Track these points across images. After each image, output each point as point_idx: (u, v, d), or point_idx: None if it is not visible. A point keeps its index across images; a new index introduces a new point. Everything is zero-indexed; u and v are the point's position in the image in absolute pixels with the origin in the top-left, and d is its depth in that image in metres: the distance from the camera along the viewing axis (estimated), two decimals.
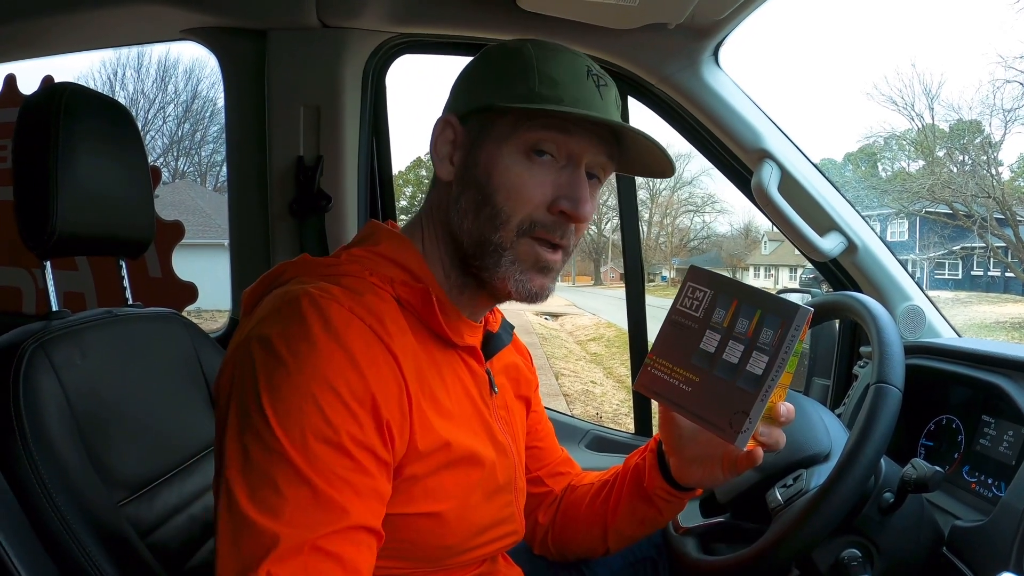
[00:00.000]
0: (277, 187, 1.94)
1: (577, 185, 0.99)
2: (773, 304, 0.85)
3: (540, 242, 0.99)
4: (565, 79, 0.98)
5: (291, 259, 1.02)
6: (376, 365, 0.87)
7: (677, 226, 54.28)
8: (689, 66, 1.79)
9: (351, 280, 0.95)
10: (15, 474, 1.03)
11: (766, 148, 1.74)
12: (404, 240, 1.04)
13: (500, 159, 0.98)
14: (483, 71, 1.04)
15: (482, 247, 0.99)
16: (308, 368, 0.83)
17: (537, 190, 0.98)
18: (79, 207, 1.23)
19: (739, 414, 0.86)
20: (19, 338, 1.13)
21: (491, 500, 1.04)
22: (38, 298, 2.76)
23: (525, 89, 0.97)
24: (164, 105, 29.57)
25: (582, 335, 18.48)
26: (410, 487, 0.92)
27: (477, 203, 0.99)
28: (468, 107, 1.02)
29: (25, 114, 1.23)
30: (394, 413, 0.88)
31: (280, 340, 0.85)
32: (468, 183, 1.01)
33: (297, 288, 0.91)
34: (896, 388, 1.08)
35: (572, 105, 0.96)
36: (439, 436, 0.94)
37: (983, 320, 18.63)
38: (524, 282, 1.00)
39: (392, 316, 0.93)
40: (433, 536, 0.96)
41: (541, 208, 0.98)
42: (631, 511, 1.23)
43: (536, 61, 0.98)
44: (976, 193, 21.84)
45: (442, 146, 1.04)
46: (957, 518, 1.23)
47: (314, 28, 1.88)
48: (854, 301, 1.25)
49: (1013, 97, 22.66)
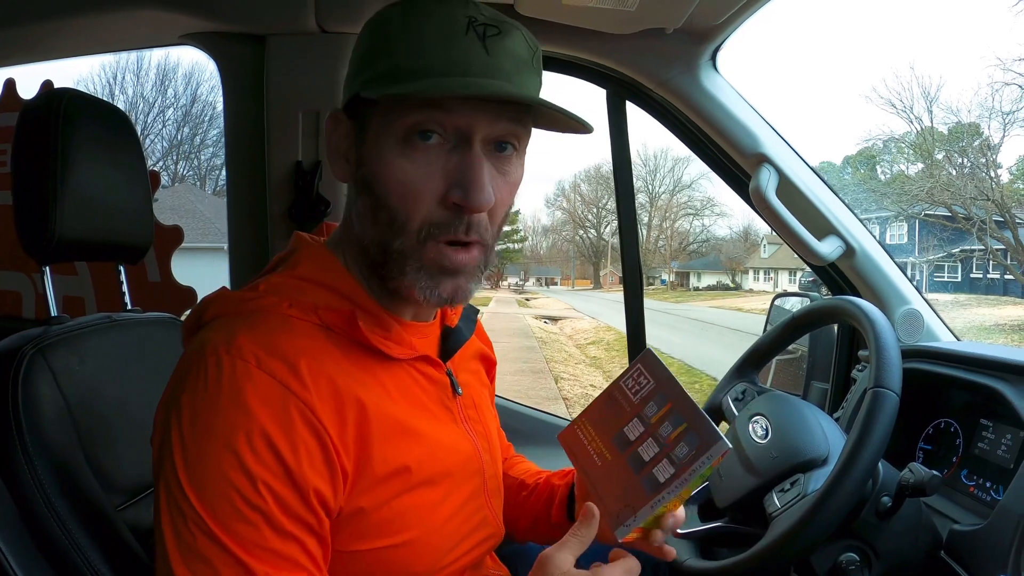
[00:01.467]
0: (276, 192, 1.94)
1: (468, 168, 0.86)
2: (700, 425, 0.84)
3: (445, 244, 0.88)
4: (433, 43, 0.84)
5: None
6: (290, 427, 0.81)
7: (676, 230, 54.37)
8: (687, 71, 1.79)
9: (267, 318, 0.87)
10: (14, 479, 1.03)
11: (764, 152, 1.74)
12: (326, 256, 0.96)
13: (382, 155, 0.88)
14: (356, 52, 0.92)
15: (385, 254, 0.90)
16: (218, 444, 0.79)
17: (426, 184, 0.86)
18: (78, 212, 1.23)
19: (628, 508, 0.87)
20: (18, 343, 1.13)
21: (461, 512, 0.99)
22: (37, 303, 2.76)
23: (390, 65, 0.85)
24: (163, 109, 29.65)
25: (581, 339, 18.51)
26: (366, 520, 0.88)
27: (373, 207, 0.90)
28: (344, 99, 0.93)
29: (24, 119, 1.24)
30: (319, 470, 0.82)
31: (189, 411, 0.81)
32: (361, 184, 0.92)
33: (208, 343, 0.84)
34: (893, 392, 1.08)
35: (444, 72, 0.83)
36: (392, 463, 0.89)
37: (982, 323, 18.64)
38: (432, 288, 0.90)
39: (313, 353, 0.86)
40: (400, 566, 0.91)
41: (435, 205, 0.87)
42: (535, 525, 1.23)
43: (400, 28, 0.86)
44: (975, 196, 21.87)
45: (336, 143, 0.95)
46: (955, 522, 1.23)
47: (313, 33, 1.88)
48: (851, 305, 1.25)
49: (1012, 99, 22.73)
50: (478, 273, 0.93)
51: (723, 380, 1.47)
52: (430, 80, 0.83)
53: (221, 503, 0.78)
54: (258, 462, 0.79)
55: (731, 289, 46.59)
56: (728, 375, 1.47)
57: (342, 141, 0.94)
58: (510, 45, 0.87)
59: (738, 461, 1.27)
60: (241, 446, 0.78)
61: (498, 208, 0.91)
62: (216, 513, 0.78)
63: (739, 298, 36.85)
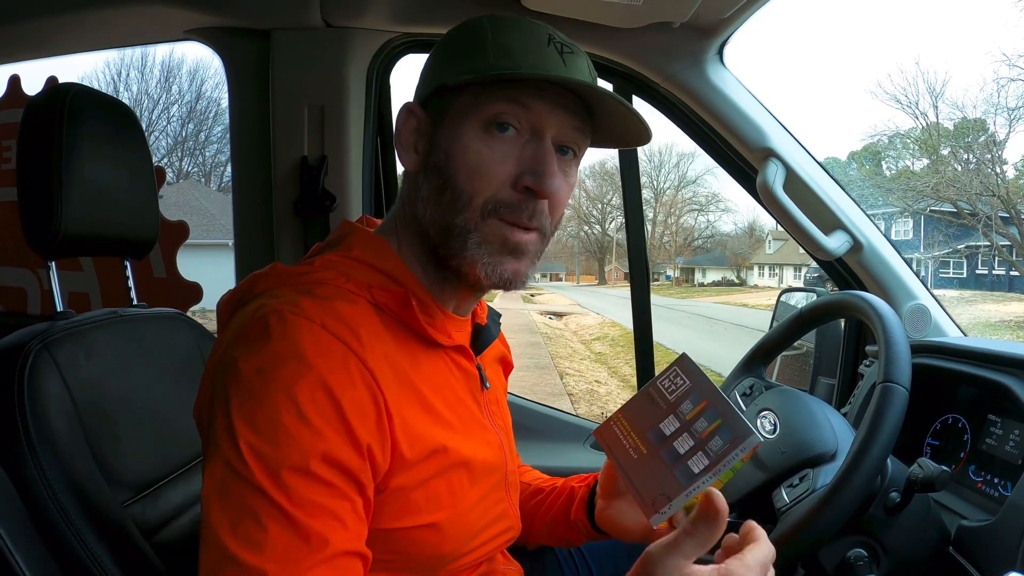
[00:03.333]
0: (281, 187, 1.94)
1: (542, 159, 0.93)
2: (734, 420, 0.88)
3: (507, 224, 0.93)
4: (522, 48, 0.92)
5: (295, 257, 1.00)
6: (350, 383, 0.83)
7: (681, 225, 54.33)
8: (694, 65, 1.78)
9: (324, 288, 0.91)
10: (20, 475, 1.03)
11: (771, 147, 1.73)
12: (379, 241, 0.99)
13: (459, 138, 0.93)
14: (441, 53, 0.99)
15: (447, 232, 0.94)
16: (277, 395, 0.80)
17: (499, 166, 0.92)
18: (83, 207, 1.23)
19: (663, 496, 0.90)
20: (24, 339, 1.13)
21: (484, 501, 1.01)
22: (43, 298, 2.77)
23: (481, 63, 0.92)
24: (168, 105, 29.68)
25: (586, 334, 18.50)
26: (401, 499, 0.89)
27: (439, 188, 0.94)
28: (426, 91, 0.98)
29: (29, 115, 1.23)
30: (371, 431, 0.84)
31: (247, 365, 0.82)
32: (430, 169, 0.96)
33: (267, 305, 0.87)
34: (903, 387, 1.08)
35: (531, 69, 0.91)
36: (430, 442, 0.91)
37: (988, 319, 18.61)
38: (494, 265, 0.94)
39: (369, 325, 0.89)
40: (429, 546, 0.94)
41: (505, 186, 0.93)
42: (553, 527, 1.26)
43: (490, 33, 0.94)
44: (980, 191, 21.84)
45: (407, 136, 0.99)
46: (963, 518, 1.22)
47: (318, 28, 1.88)
48: (860, 300, 1.24)
49: (1017, 95, 22.68)
50: (536, 260, 0.99)
51: (730, 375, 1.47)
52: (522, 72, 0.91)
53: (274, 456, 0.78)
54: (317, 413, 0.80)
55: (736, 285, 46.56)
56: (735, 370, 1.47)
57: (412, 131, 0.99)
58: (581, 64, 0.95)
59: None
60: (302, 395, 0.80)
61: (558, 202, 0.97)
62: (268, 463, 0.78)
63: (744, 294, 36.81)
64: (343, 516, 0.81)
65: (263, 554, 0.76)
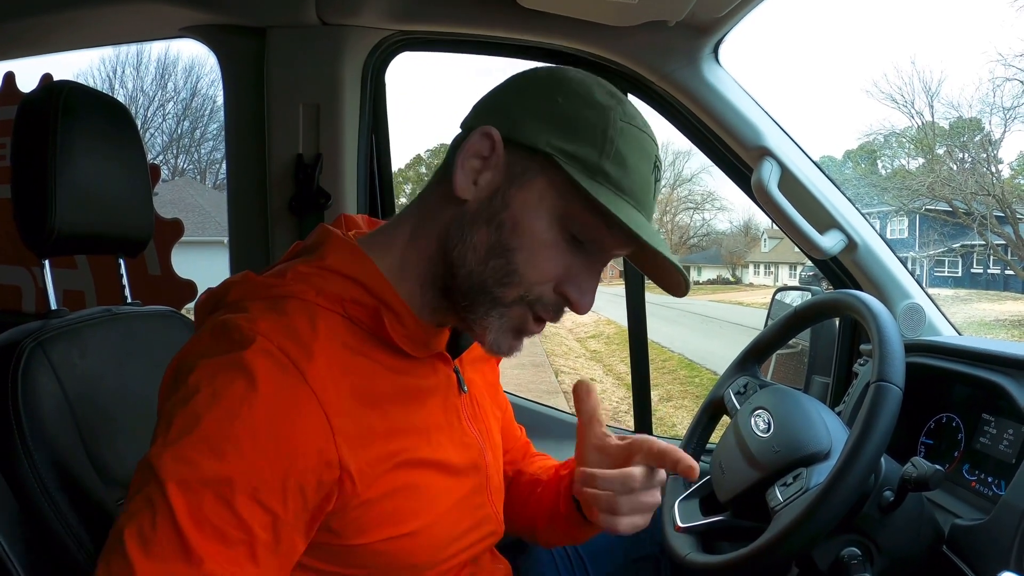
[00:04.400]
0: (276, 185, 1.94)
1: (591, 277, 0.94)
2: None
3: (533, 315, 0.93)
4: (636, 166, 0.90)
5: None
6: (294, 411, 0.81)
7: (676, 224, 54.24)
8: (689, 63, 1.78)
9: (291, 303, 0.88)
10: (13, 473, 1.03)
11: (766, 145, 1.73)
12: (356, 251, 0.94)
13: (536, 219, 0.89)
14: (552, 100, 0.91)
15: (478, 294, 0.92)
16: (217, 412, 0.79)
17: (555, 265, 0.91)
18: (78, 205, 1.23)
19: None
20: (17, 337, 1.12)
21: (463, 505, 1.00)
22: (37, 297, 2.76)
23: (594, 155, 0.88)
24: (164, 103, 29.55)
25: (582, 332, 18.48)
26: (371, 511, 0.88)
27: (490, 248, 0.90)
28: (520, 135, 0.90)
29: (24, 112, 1.23)
30: (311, 462, 0.81)
31: (197, 376, 0.81)
32: (487, 219, 0.91)
33: (229, 321, 0.85)
34: (896, 386, 1.08)
35: (631, 197, 0.89)
36: (401, 454, 0.90)
37: (983, 318, 18.62)
38: (501, 341, 0.94)
39: (334, 342, 0.87)
40: (400, 557, 0.92)
41: (550, 285, 0.92)
42: (552, 522, 1.20)
43: (614, 130, 0.89)
44: (976, 191, 21.84)
45: (471, 159, 0.91)
46: (957, 517, 1.23)
47: (313, 26, 1.88)
48: (854, 299, 1.24)
49: (1013, 95, 22.66)
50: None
51: (725, 374, 1.47)
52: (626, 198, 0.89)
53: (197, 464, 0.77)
54: (252, 440, 0.78)
55: (731, 283, 46.54)
56: (730, 369, 1.47)
57: (478, 157, 0.92)
58: (659, 188, 0.96)
59: (740, 455, 1.27)
60: (241, 420, 0.78)
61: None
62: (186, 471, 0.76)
63: (739, 292, 36.79)
64: (235, 547, 0.78)
65: (144, 552, 0.75)
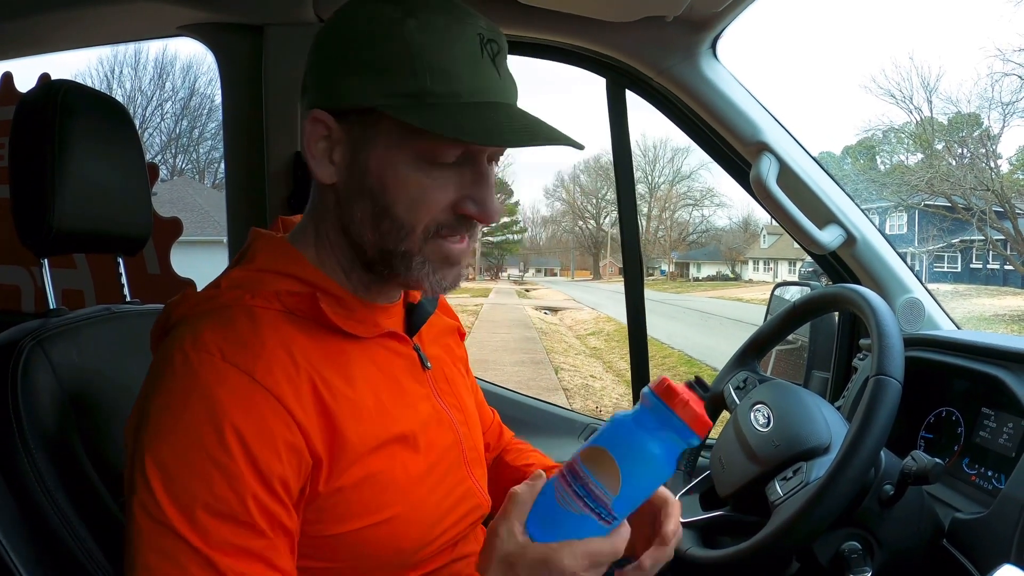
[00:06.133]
0: (275, 183, 1.94)
1: (483, 187, 0.91)
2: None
3: (447, 240, 0.92)
4: (460, 66, 0.86)
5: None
6: (255, 414, 0.81)
7: (676, 220, 54.33)
8: (687, 59, 1.78)
9: (229, 311, 0.88)
10: (14, 472, 1.03)
11: (765, 141, 1.73)
12: (284, 246, 0.96)
13: (393, 168, 0.89)
14: (353, 50, 0.88)
15: (389, 257, 0.92)
16: (183, 435, 0.79)
17: (439, 194, 0.89)
18: (76, 204, 1.23)
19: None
20: (17, 336, 1.12)
21: (440, 485, 0.99)
22: (36, 296, 2.76)
23: (414, 86, 0.85)
24: (162, 102, 29.58)
25: (581, 329, 18.52)
26: (346, 499, 0.88)
27: (374, 215, 0.90)
28: (343, 102, 0.89)
29: (22, 112, 1.23)
30: (283, 459, 0.82)
31: (154, 404, 0.82)
32: (359, 191, 0.91)
33: (174, 341, 0.86)
34: (896, 380, 1.08)
35: (471, 95, 0.86)
36: (370, 439, 0.90)
37: (982, 313, 18.65)
38: (439, 279, 0.94)
39: (277, 338, 0.87)
40: (389, 542, 0.92)
41: (446, 211, 0.90)
42: None
43: (421, 48, 0.85)
44: (975, 186, 21.87)
45: (315, 145, 0.91)
46: (957, 510, 1.23)
47: (311, 23, 1.87)
48: (853, 293, 1.25)
49: (1011, 90, 22.70)
50: (467, 260, 0.97)
51: (724, 369, 1.48)
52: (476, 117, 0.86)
53: (185, 492, 0.78)
54: (226, 455, 0.79)
55: (731, 279, 46.62)
56: (729, 364, 1.47)
57: (322, 139, 0.92)
58: (504, 58, 0.91)
59: (740, 449, 1.27)
60: (208, 435, 0.79)
61: (494, 220, 0.96)
62: (181, 504, 0.77)
63: (739, 288, 36.87)
64: (263, 552, 0.80)
65: None
